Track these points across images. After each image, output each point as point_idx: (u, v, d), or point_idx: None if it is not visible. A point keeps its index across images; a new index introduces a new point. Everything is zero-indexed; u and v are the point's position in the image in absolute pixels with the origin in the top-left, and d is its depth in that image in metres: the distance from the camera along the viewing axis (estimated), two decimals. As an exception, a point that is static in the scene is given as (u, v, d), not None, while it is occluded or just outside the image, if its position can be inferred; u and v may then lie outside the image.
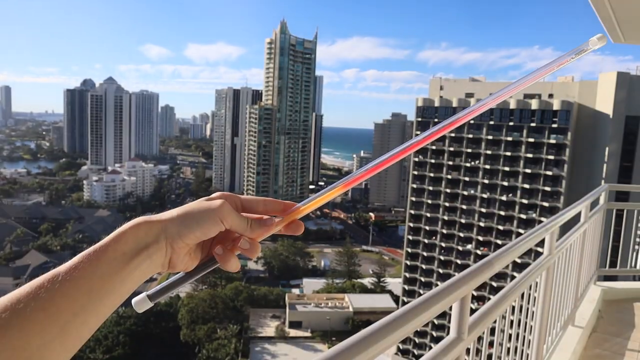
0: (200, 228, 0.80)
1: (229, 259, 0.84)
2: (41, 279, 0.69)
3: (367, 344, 1.27)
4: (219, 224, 0.82)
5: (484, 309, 2.28)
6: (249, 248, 0.86)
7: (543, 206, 69.20)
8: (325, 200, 0.91)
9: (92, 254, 0.73)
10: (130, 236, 0.76)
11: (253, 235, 0.86)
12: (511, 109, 72.40)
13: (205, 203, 0.83)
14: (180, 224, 0.80)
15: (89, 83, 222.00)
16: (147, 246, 0.76)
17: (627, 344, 5.27)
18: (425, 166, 78.77)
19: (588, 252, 5.54)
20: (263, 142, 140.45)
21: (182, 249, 0.81)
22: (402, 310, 1.49)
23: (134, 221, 0.78)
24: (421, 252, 78.59)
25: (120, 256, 0.74)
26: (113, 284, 0.72)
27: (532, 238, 2.93)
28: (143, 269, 0.76)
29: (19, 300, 0.65)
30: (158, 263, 0.78)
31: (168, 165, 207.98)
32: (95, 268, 0.71)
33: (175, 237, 0.79)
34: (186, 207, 0.82)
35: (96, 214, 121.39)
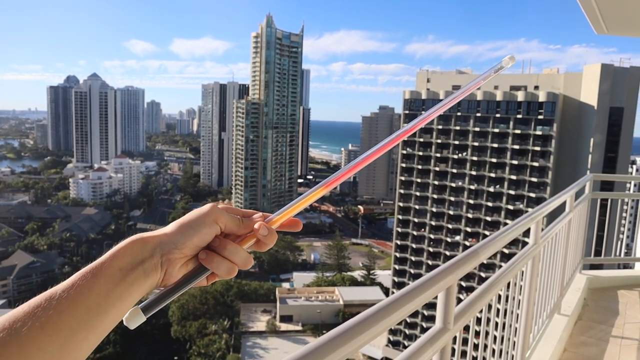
0: (197, 234, 0.82)
1: (213, 260, 0.83)
2: (38, 298, 0.70)
3: (353, 335, 1.28)
4: (214, 225, 0.84)
5: (469, 298, 2.30)
6: (267, 234, 0.87)
7: (530, 197, 69.92)
8: (304, 205, 0.90)
9: (88, 271, 0.74)
10: (126, 252, 0.77)
11: (246, 231, 0.88)
12: (498, 100, 72.89)
13: (197, 210, 0.85)
14: (177, 235, 0.81)
15: (72, 80, 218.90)
16: (142, 261, 0.77)
17: (612, 331, 5.36)
18: (413, 158, 79.09)
19: (573, 241, 5.60)
20: (251, 136, 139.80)
21: (178, 260, 0.81)
22: (387, 301, 1.49)
23: (130, 238, 0.79)
24: (410, 244, 79.06)
25: (117, 272, 0.75)
26: (111, 300, 0.73)
27: (517, 228, 2.95)
28: (139, 284, 0.77)
29: (16, 320, 0.65)
30: (154, 278, 0.79)
31: (155, 162, 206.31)
32: (92, 285, 0.72)
33: (172, 248, 0.80)
34: (181, 219, 0.84)
35: (83, 212, 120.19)
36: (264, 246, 0.88)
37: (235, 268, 0.85)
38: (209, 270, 0.84)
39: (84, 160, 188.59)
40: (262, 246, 0.88)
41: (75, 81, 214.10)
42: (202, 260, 0.83)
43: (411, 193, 79.36)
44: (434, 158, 77.68)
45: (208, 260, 0.83)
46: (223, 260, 0.84)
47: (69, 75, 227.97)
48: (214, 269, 0.83)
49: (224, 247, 0.84)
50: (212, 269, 0.84)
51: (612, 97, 66.56)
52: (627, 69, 67.26)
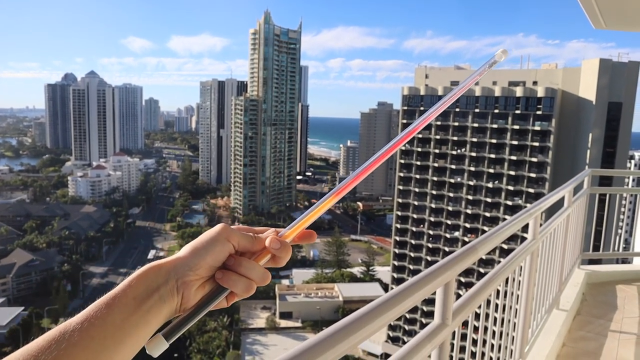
0: (210, 253, 0.82)
1: (230, 278, 0.83)
2: (53, 331, 0.70)
3: (352, 331, 1.28)
4: (226, 243, 0.84)
5: (468, 294, 2.30)
6: (280, 247, 0.87)
7: (529, 192, 70.00)
8: (316, 217, 0.90)
9: (102, 303, 0.74)
10: (140, 281, 0.77)
11: (259, 247, 0.88)
12: (496, 96, 72.89)
13: (208, 231, 0.85)
14: (190, 257, 0.82)
15: (70, 77, 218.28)
16: (157, 288, 0.78)
17: (610, 326, 5.37)
18: (412, 155, 79.09)
19: (572, 236, 5.61)
20: (249, 133, 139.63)
21: (194, 282, 0.81)
22: (386, 297, 1.49)
23: (143, 268, 0.80)
24: (409, 240, 79.15)
25: (131, 301, 0.75)
26: (126, 330, 0.73)
27: (515, 223, 2.95)
28: (156, 311, 0.77)
29: (30, 354, 0.66)
30: (171, 303, 0.79)
31: (154, 159, 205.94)
32: (106, 315, 0.72)
33: (186, 271, 0.80)
34: (193, 242, 0.84)
35: (82, 210, 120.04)
36: (279, 261, 0.88)
37: (253, 285, 0.84)
38: (227, 289, 0.84)
39: (83, 158, 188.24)
40: (277, 261, 0.88)
41: (73, 79, 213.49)
42: (219, 279, 0.83)
43: (410, 189, 79.40)
44: (432, 154, 77.70)
45: (225, 279, 0.83)
46: (240, 277, 0.83)
47: (66, 73, 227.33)
48: (231, 287, 0.83)
49: (239, 265, 0.84)
50: (230, 288, 0.83)
51: (610, 92, 66.55)
52: (625, 64, 67.23)
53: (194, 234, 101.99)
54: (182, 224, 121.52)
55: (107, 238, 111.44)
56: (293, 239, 0.89)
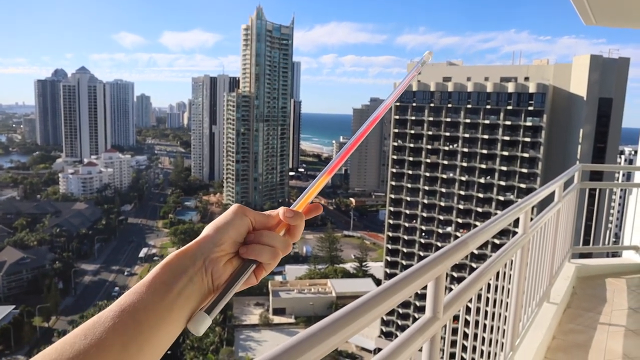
0: (231, 226, 0.86)
1: (254, 249, 0.86)
2: (89, 320, 0.73)
3: (342, 324, 1.29)
4: (244, 217, 0.88)
5: (459, 288, 2.32)
6: (293, 216, 0.91)
7: (520, 187, 70.45)
8: (316, 192, 0.97)
9: (132, 291, 0.77)
10: (166, 266, 0.80)
11: (274, 222, 0.92)
12: (488, 92, 73.13)
13: (226, 211, 0.90)
14: (213, 234, 0.85)
15: (60, 73, 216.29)
16: (184, 270, 0.80)
17: (599, 318, 5.44)
18: (405, 150, 79.27)
19: (562, 231, 5.67)
20: (242, 129, 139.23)
21: (220, 258, 0.84)
22: (377, 291, 1.49)
23: (169, 256, 0.82)
24: (402, 236, 79.43)
25: (160, 286, 0.77)
26: (159, 313, 0.75)
27: (506, 218, 2.98)
28: (187, 294, 0.79)
29: (66, 343, 0.70)
30: (201, 283, 0.81)
31: (146, 156, 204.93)
32: (136, 302, 0.74)
33: (211, 247, 0.83)
34: (213, 221, 0.88)
35: (73, 207, 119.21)
36: (295, 231, 0.93)
37: (277, 252, 0.88)
38: (254, 262, 0.87)
39: (74, 155, 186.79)
40: (294, 232, 0.93)
41: (63, 75, 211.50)
42: (243, 253, 0.86)
43: (402, 185, 79.62)
44: (425, 150, 77.93)
45: (249, 251, 0.86)
46: (263, 247, 0.87)
47: (56, 68, 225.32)
48: (257, 256, 0.86)
49: (260, 236, 0.88)
50: (256, 258, 0.86)
51: (601, 87, 67.03)
52: (615, 60, 67.71)
53: (186, 230, 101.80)
54: (174, 221, 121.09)
55: (99, 235, 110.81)
56: (303, 211, 0.94)
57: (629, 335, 5.05)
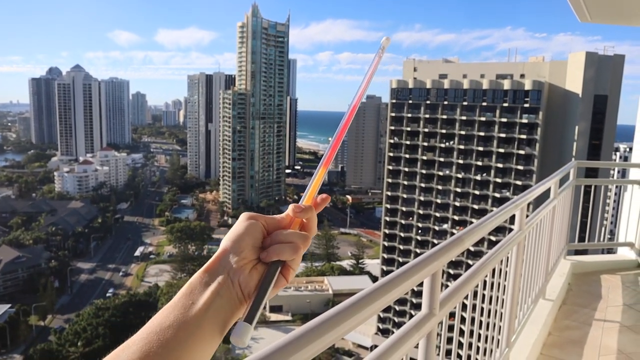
0: (246, 233, 0.86)
1: (274, 250, 0.85)
2: (116, 350, 0.74)
3: (338, 321, 1.28)
4: (254, 222, 0.88)
5: (455, 284, 2.33)
6: (302, 210, 0.91)
7: (516, 184, 70.63)
8: (318, 185, 0.96)
9: (158, 313, 0.78)
10: (190, 286, 0.80)
11: (286, 221, 0.92)
12: (484, 89, 73.22)
13: (237, 221, 0.90)
14: (231, 245, 0.85)
15: (55, 71, 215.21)
16: (207, 284, 0.80)
17: (594, 315, 5.47)
18: (401, 147, 79.30)
19: (558, 227, 5.69)
20: (238, 127, 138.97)
21: (244, 266, 0.84)
22: (373, 287, 1.49)
23: (190, 280, 0.83)
24: (398, 233, 79.53)
25: (185, 303, 0.77)
26: (188, 330, 0.74)
27: (501, 214, 2.98)
28: (216, 307, 0.78)
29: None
30: (230, 294, 0.81)
31: (141, 154, 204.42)
32: (163, 322, 0.75)
33: (232, 258, 0.83)
34: (227, 234, 0.88)
35: (69, 206, 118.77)
36: (310, 225, 0.93)
37: (297, 247, 0.87)
38: (278, 262, 0.86)
39: (69, 154, 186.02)
40: (308, 226, 0.93)
41: (58, 73, 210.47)
42: (265, 257, 0.86)
43: (399, 182, 79.68)
44: (421, 147, 77.99)
45: (270, 253, 0.86)
46: (282, 245, 0.86)
47: (51, 67, 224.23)
48: (278, 256, 0.85)
49: (276, 236, 0.88)
50: (277, 257, 0.85)
51: (596, 85, 67.20)
52: (611, 57, 67.89)
53: (182, 228, 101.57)
54: (170, 219, 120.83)
55: (95, 234, 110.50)
56: (312, 204, 0.95)
57: (623, 331, 5.08)
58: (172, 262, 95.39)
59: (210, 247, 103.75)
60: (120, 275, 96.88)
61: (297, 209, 0.90)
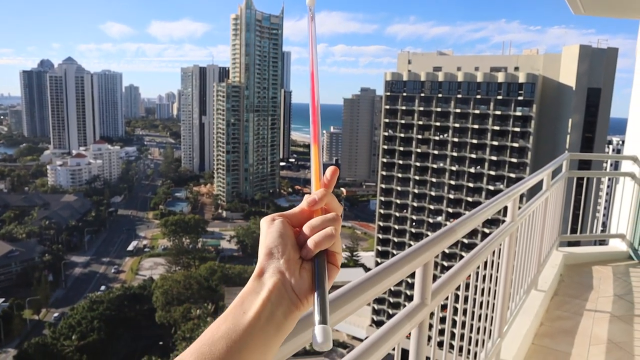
0: (281, 236, 0.82)
1: (312, 241, 0.82)
2: None
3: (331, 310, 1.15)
4: (283, 221, 0.85)
5: (447, 274, 2.34)
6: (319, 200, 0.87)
7: (510, 177, 70.96)
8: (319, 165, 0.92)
9: (211, 324, 0.77)
10: (242, 295, 0.79)
11: (307, 211, 0.88)
12: (478, 82, 73.30)
13: (261, 230, 0.87)
14: (272, 251, 0.81)
15: (46, 64, 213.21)
16: (257, 292, 0.78)
17: (585, 305, 5.53)
18: (395, 140, 79.38)
19: (550, 219, 5.73)
20: (232, 120, 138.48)
21: (290, 265, 0.81)
22: (366, 277, 1.49)
23: (240, 294, 0.81)
24: (393, 225, 79.82)
25: (237, 313, 0.76)
26: (241, 340, 0.73)
27: (493, 206, 3.00)
28: (268, 314, 0.76)
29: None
30: (283, 302, 0.78)
31: (135, 147, 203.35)
32: (214, 334, 0.74)
33: (278, 262, 0.80)
34: (260, 245, 0.84)
35: (62, 200, 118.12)
36: (332, 205, 0.88)
37: (331, 232, 0.83)
38: (321, 253, 0.83)
39: (62, 147, 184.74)
40: (331, 207, 0.88)
41: (50, 65, 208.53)
42: (306, 254, 0.83)
43: (393, 175, 79.85)
44: (415, 139, 78.10)
45: (310, 248, 0.82)
46: (316, 236, 0.83)
47: (42, 59, 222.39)
48: (318, 247, 0.82)
49: (307, 229, 0.84)
50: (318, 249, 0.82)
51: (590, 78, 67.44)
52: (604, 50, 68.09)
53: (176, 221, 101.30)
54: (165, 212, 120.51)
55: (89, 227, 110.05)
56: (323, 184, 0.90)
57: (613, 321, 5.14)
58: (167, 255, 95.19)
59: (204, 240, 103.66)
60: (113, 272, 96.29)
61: (311, 203, 0.87)
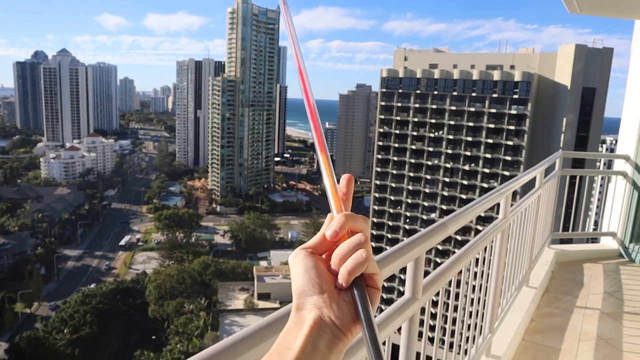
0: (310, 269, 0.78)
1: (346, 269, 0.76)
2: None
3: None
4: (307, 254, 0.81)
5: (438, 269, 2.36)
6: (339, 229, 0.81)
7: (504, 175, 71.22)
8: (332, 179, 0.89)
9: None
10: (287, 329, 0.77)
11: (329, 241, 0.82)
12: (474, 80, 73.43)
13: (291, 270, 0.83)
14: (307, 287, 0.77)
15: (40, 55, 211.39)
16: (299, 327, 0.75)
17: (576, 302, 5.58)
18: (390, 137, 79.46)
19: (542, 216, 5.76)
20: (227, 114, 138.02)
21: (331, 301, 0.76)
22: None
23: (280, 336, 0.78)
24: (387, 222, 80.00)
25: (282, 348, 0.75)
26: None
27: (486, 202, 3.01)
28: (311, 349, 0.74)
29: None
30: (325, 335, 0.75)
31: (129, 140, 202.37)
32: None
33: (313, 297, 0.76)
34: (293, 287, 0.80)
35: (55, 192, 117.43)
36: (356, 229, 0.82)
37: (363, 256, 0.76)
38: (357, 280, 0.77)
39: (55, 139, 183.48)
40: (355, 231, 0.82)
41: (44, 57, 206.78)
42: (342, 285, 0.77)
43: (388, 171, 79.97)
44: (410, 136, 78.20)
45: (343, 277, 0.77)
46: (348, 263, 0.77)
47: (36, 50, 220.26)
48: (352, 274, 0.76)
49: (337, 259, 0.79)
50: (353, 276, 0.76)
51: (585, 77, 67.72)
52: (600, 50, 68.36)
53: (170, 216, 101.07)
54: (158, 206, 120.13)
55: (82, 220, 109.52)
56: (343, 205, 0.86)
57: (603, 317, 5.19)
58: (160, 249, 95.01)
59: (198, 234, 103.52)
60: (105, 267, 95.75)
61: (333, 236, 0.80)
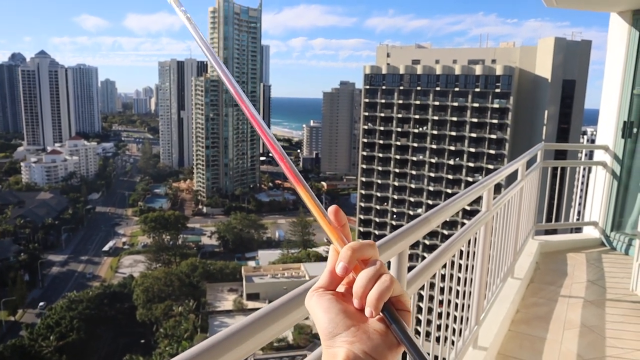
0: (323, 312, 0.73)
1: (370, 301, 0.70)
2: None
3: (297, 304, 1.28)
4: (319, 295, 0.76)
5: (422, 264, 2.36)
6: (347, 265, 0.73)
7: (488, 169, 71.97)
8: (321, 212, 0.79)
9: None
10: None
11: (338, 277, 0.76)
12: (456, 74, 74.01)
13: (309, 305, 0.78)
14: (332, 329, 0.72)
15: (18, 57, 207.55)
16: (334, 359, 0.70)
17: (560, 291, 5.66)
18: (375, 133, 79.74)
19: (526, 208, 5.83)
20: (211, 114, 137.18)
21: (361, 335, 0.71)
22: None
23: None
24: (373, 218, 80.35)
25: None
26: None
27: (468, 195, 3.03)
28: None
29: None
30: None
31: (112, 143, 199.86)
32: None
33: (340, 336, 0.71)
34: (317, 325, 0.75)
35: (38, 197, 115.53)
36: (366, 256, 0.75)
37: (386, 283, 0.70)
38: (386, 307, 0.71)
39: (36, 143, 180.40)
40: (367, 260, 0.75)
41: (22, 59, 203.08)
42: (371, 313, 0.70)
43: (373, 168, 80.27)
44: (395, 132, 78.57)
45: (371, 309, 0.70)
46: (371, 294, 0.70)
47: (14, 52, 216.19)
48: (379, 303, 0.70)
49: (358, 293, 0.72)
50: (380, 304, 0.70)
51: (564, 70, 68.71)
52: (578, 43, 69.41)
53: (156, 218, 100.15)
54: (144, 209, 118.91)
55: (66, 225, 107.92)
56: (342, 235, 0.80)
57: (586, 305, 5.27)
58: (147, 252, 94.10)
59: (185, 236, 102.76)
60: (91, 268, 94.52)
61: (343, 272, 0.74)
